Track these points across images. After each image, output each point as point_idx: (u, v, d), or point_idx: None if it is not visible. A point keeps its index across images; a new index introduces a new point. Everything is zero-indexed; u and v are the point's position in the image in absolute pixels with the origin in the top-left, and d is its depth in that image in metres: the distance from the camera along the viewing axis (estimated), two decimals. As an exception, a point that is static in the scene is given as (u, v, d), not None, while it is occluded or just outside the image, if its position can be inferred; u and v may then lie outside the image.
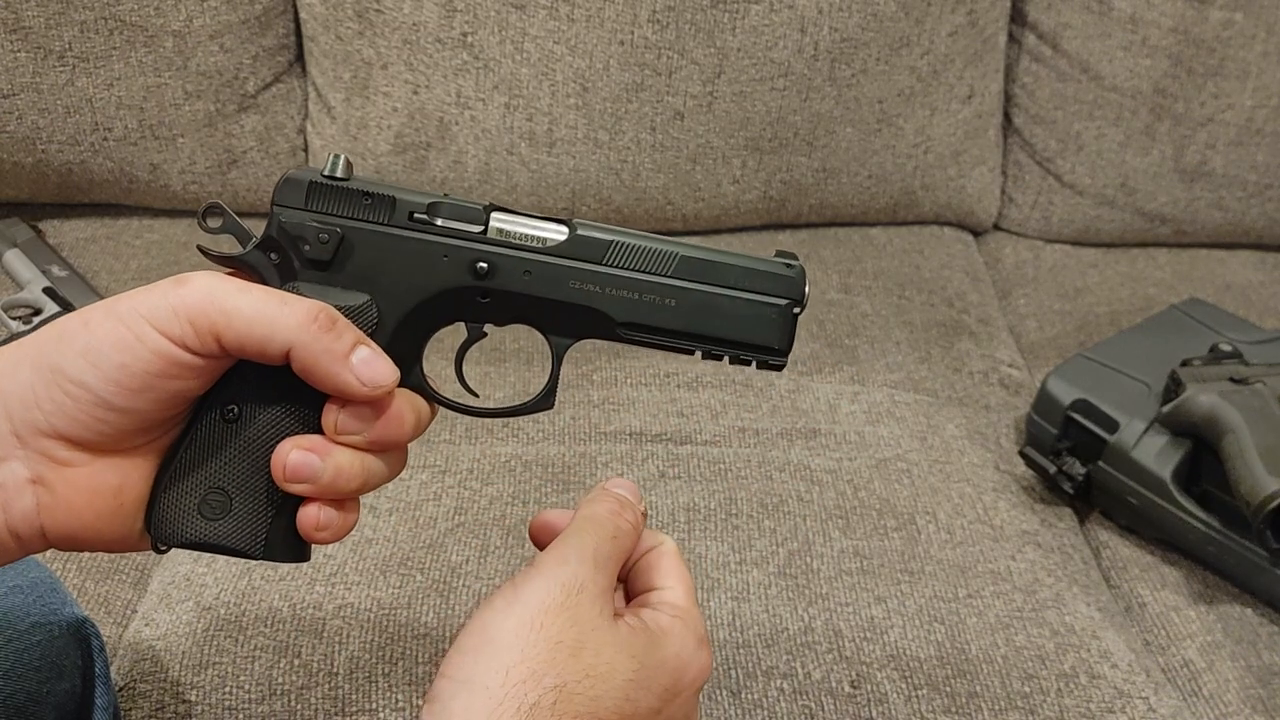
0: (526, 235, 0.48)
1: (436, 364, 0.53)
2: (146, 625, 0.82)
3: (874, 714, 0.80)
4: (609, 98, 1.18)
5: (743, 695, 0.80)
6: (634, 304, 0.48)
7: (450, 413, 0.52)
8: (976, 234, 1.39)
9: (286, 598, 0.83)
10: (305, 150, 1.26)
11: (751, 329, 0.49)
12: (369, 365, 0.44)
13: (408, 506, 0.90)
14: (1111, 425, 0.96)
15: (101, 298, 1.10)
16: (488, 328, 0.50)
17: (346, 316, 0.45)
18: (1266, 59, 1.25)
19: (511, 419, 1.00)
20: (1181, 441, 0.94)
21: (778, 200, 1.28)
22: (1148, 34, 1.25)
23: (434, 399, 0.50)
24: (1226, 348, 0.99)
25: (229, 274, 0.46)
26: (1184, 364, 0.98)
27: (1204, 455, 0.94)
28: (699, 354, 0.51)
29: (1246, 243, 1.37)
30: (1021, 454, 1.01)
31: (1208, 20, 1.23)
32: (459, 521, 0.89)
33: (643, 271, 0.48)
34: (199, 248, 0.46)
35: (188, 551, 0.88)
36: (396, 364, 0.46)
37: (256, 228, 0.48)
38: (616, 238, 0.48)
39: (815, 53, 1.19)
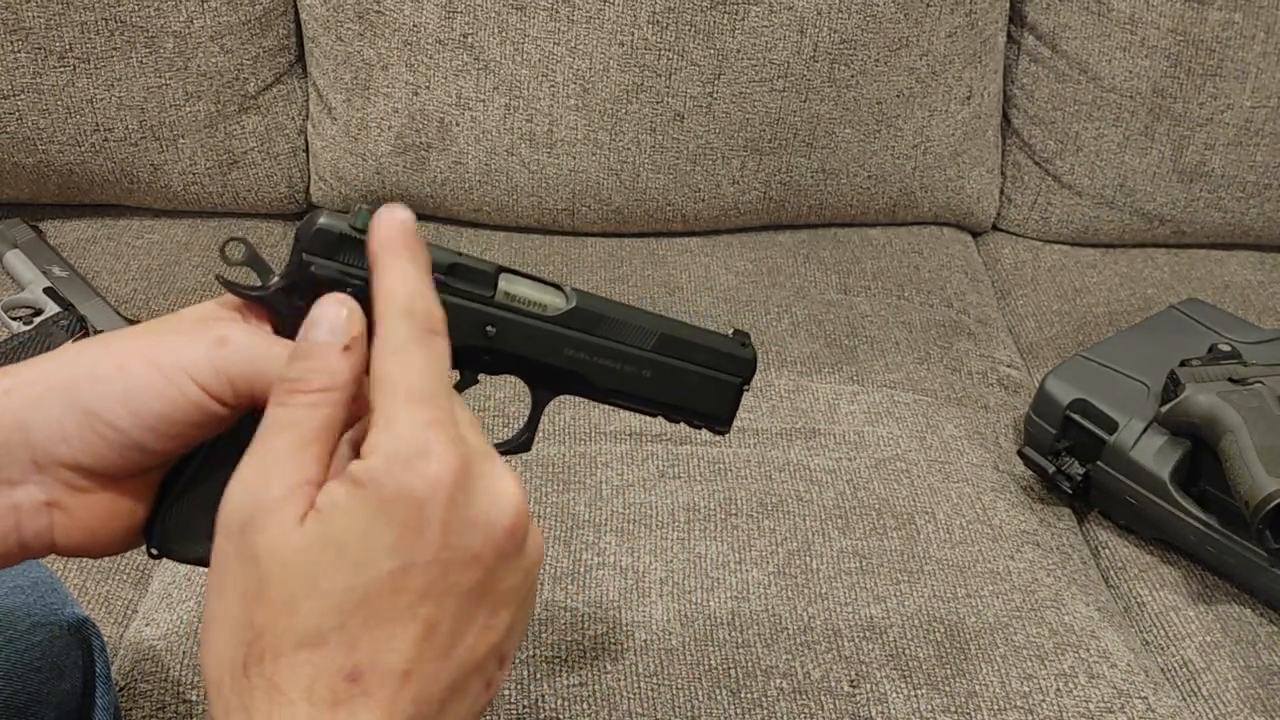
0: (531, 300, 0.52)
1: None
2: (147, 625, 0.82)
3: (873, 713, 0.80)
4: (609, 99, 1.19)
5: (742, 694, 0.80)
6: (616, 373, 0.54)
7: None
8: (975, 234, 1.39)
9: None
10: (306, 151, 1.26)
11: (708, 401, 0.57)
12: None
13: (408, 506, 0.90)
14: (1110, 425, 0.96)
15: (102, 298, 1.10)
16: (481, 376, 0.54)
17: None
18: (1265, 59, 1.25)
19: (512, 421, 1.00)
20: (1180, 441, 0.94)
21: (777, 201, 1.28)
22: (1146, 35, 1.25)
23: None
24: (1225, 348, 1.00)
25: (240, 302, 0.47)
26: (1183, 364, 0.98)
27: (1203, 455, 0.94)
28: (659, 416, 0.58)
29: (1245, 243, 1.37)
30: (1020, 454, 1.01)
31: (1206, 21, 1.24)
32: (459, 521, 0.90)
33: (627, 344, 0.54)
34: (218, 279, 0.46)
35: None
36: None
37: (257, 227, 0.49)
38: (610, 313, 0.53)
39: (814, 54, 1.19)
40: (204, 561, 0.48)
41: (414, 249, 0.44)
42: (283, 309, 0.47)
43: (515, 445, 0.55)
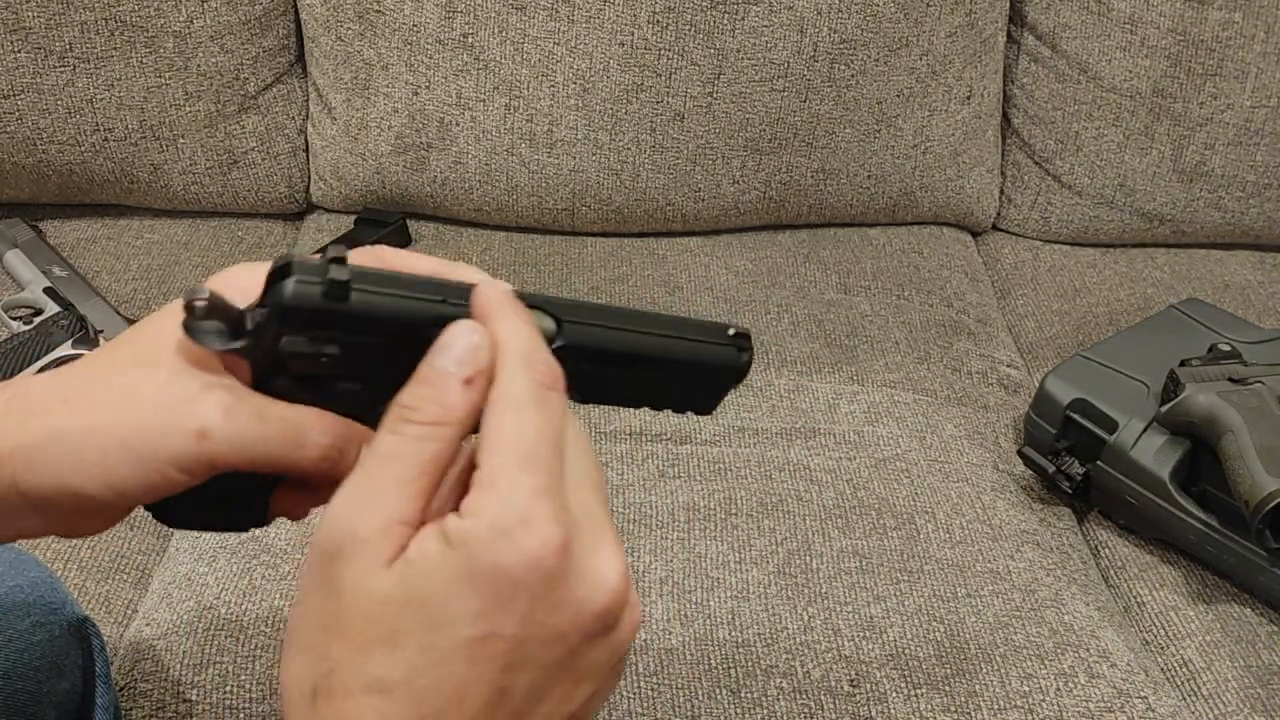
0: None
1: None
2: (147, 624, 0.82)
3: (873, 713, 0.80)
4: (609, 99, 1.19)
5: (742, 694, 0.80)
6: (606, 386, 0.51)
7: None
8: (975, 234, 1.39)
9: (288, 597, 0.83)
10: (306, 151, 1.26)
11: (694, 399, 0.54)
12: None
13: (408, 506, 0.91)
14: (1110, 425, 0.96)
15: (102, 298, 1.10)
16: None
17: (338, 405, 0.45)
18: (1265, 59, 1.25)
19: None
20: (1180, 441, 0.94)
21: (777, 201, 1.28)
22: (1146, 34, 1.25)
23: None
24: (1225, 347, 1.00)
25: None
26: (1183, 364, 0.98)
27: (1203, 455, 0.94)
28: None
29: (1245, 243, 1.37)
30: (1020, 454, 1.01)
31: (1206, 21, 1.24)
32: (459, 521, 0.90)
33: (616, 366, 0.50)
34: (185, 327, 0.42)
35: (188, 551, 0.89)
36: (383, 414, 0.47)
37: (257, 227, 0.47)
38: (600, 342, 0.49)
39: (814, 54, 1.19)
40: (206, 527, 0.49)
41: (522, 310, 0.43)
42: (255, 359, 0.44)
43: None
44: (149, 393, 0.42)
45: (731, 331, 0.52)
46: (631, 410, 1.02)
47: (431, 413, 0.39)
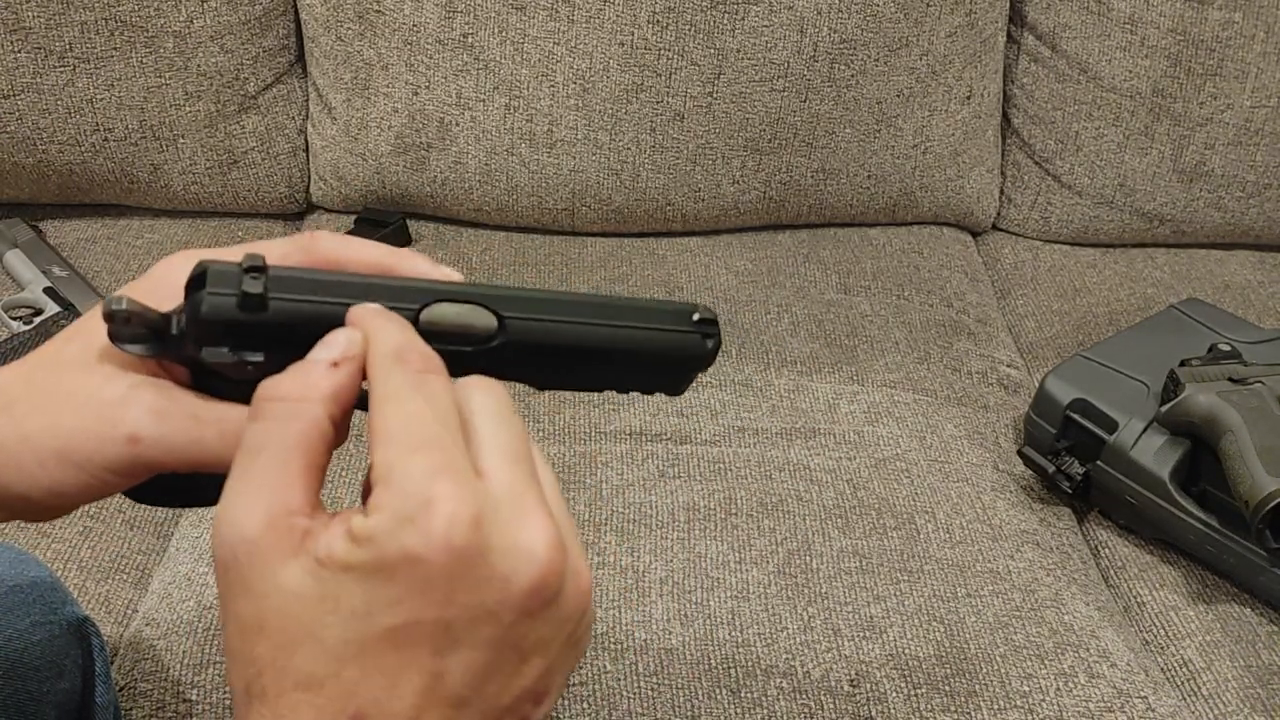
0: (457, 327, 0.45)
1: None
2: (147, 624, 0.82)
3: (873, 713, 0.80)
4: (609, 99, 1.19)
5: (742, 694, 0.80)
6: (560, 376, 0.49)
7: None
8: (975, 234, 1.39)
9: (287, 597, 0.83)
10: (306, 151, 1.26)
11: (660, 384, 0.51)
12: None
13: (408, 506, 0.91)
14: (1110, 425, 0.96)
15: (103, 298, 1.10)
16: None
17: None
18: (1265, 59, 1.25)
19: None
20: (1180, 441, 0.94)
21: (777, 201, 1.28)
22: (1146, 34, 1.25)
23: (359, 406, 0.49)
24: (1225, 348, 1.00)
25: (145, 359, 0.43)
26: (1183, 364, 0.98)
27: (1203, 455, 0.94)
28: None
29: (1245, 243, 1.37)
30: (1020, 454, 1.01)
31: (1206, 21, 1.24)
32: (459, 521, 0.90)
33: (567, 358, 0.48)
34: (112, 338, 0.41)
35: (188, 551, 0.88)
36: None
37: (257, 227, 0.47)
38: (547, 330, 0.47)
39: (814, 54, 1.19)
40: (178, 505, 0.48)
41: (391, 315, 0.42)
42: (186, 360, 0.43)
43: None
44: (81, 398, 0.42)
45: (696, 317, 0.49)
46: (632, 410, 1.02)
47: (291, 390, 0.39)
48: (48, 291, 1.10)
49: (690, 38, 1.16)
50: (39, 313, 1.09)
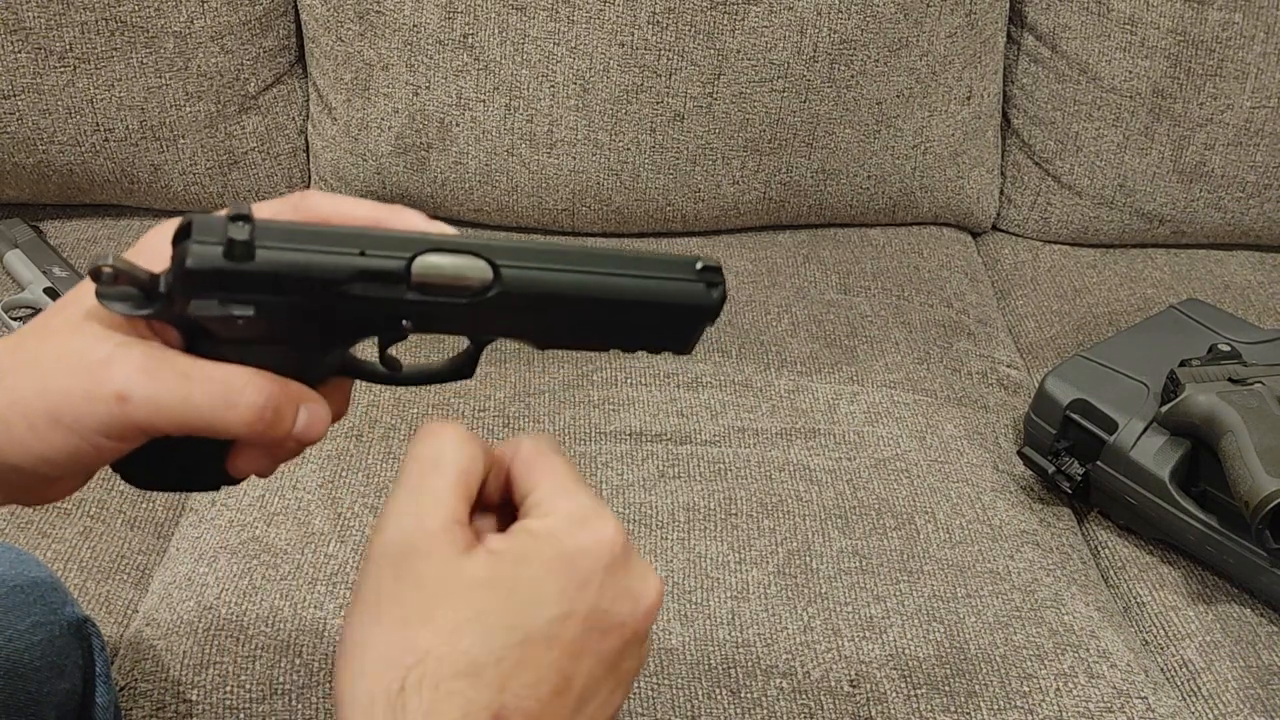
0: (451, 278, 0.44)
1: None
2: (148, 625, 0.82)
3: (873, 713, 0.80)
4: (609, 99, 1.19)
5: (742, 694, 0.80)
6: (554, 331, 0.48)
7: (455, 414, 0.51)
8: (975, 234, 1.39)
9: (288, 597, 0.83)
10: (306, 151, 1.26)
11: (665, 339, 0.50)
12: (309, 427, 0.44)
13: (408, 506, 0.91)
14: (1110, 425, 0.96)
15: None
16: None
17: (270, 366, 0.43)
18: (1265, 60, 1.25)
19: (512, 421, 1.00)
20: (1180, 441, 0.94)
21: (777, 201, 1.28)
22: (1146, 35, 1.25)
23: (358, 375, 0.48)
24: (1225, 348, 1.00)
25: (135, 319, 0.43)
26: (1182, 364, 0.98)
27: (1202, 455, 0.94)
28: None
29: (1245, 243, 1.37)
30: (1020, 454, 1.01)
31: (1206, 21, 1.24)
32: (459, 521, 0.90)
33: (565, 308, 0.47)
34: (100, 298, 0.41)
35: (188, 551, 0.88)
36: (323, 373, 0.45)
37: None
38: (542, 284, 0.45)
39: (814, 54, 1.19)
40: (173, 488, 0.48)
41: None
42: (177, 322, 0.43)
43: (455, 371, 0.49)
44: (69, 360, 0.42)
45: (699, 265, 0.48)
46: (631, 411, 1.02)
47: (463, 431, 0.44)
48: (48, 292, 1.10)
49: (690, 38, 1.16)
50: (39, 313, 1.08)
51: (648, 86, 1.18)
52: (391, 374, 0.49)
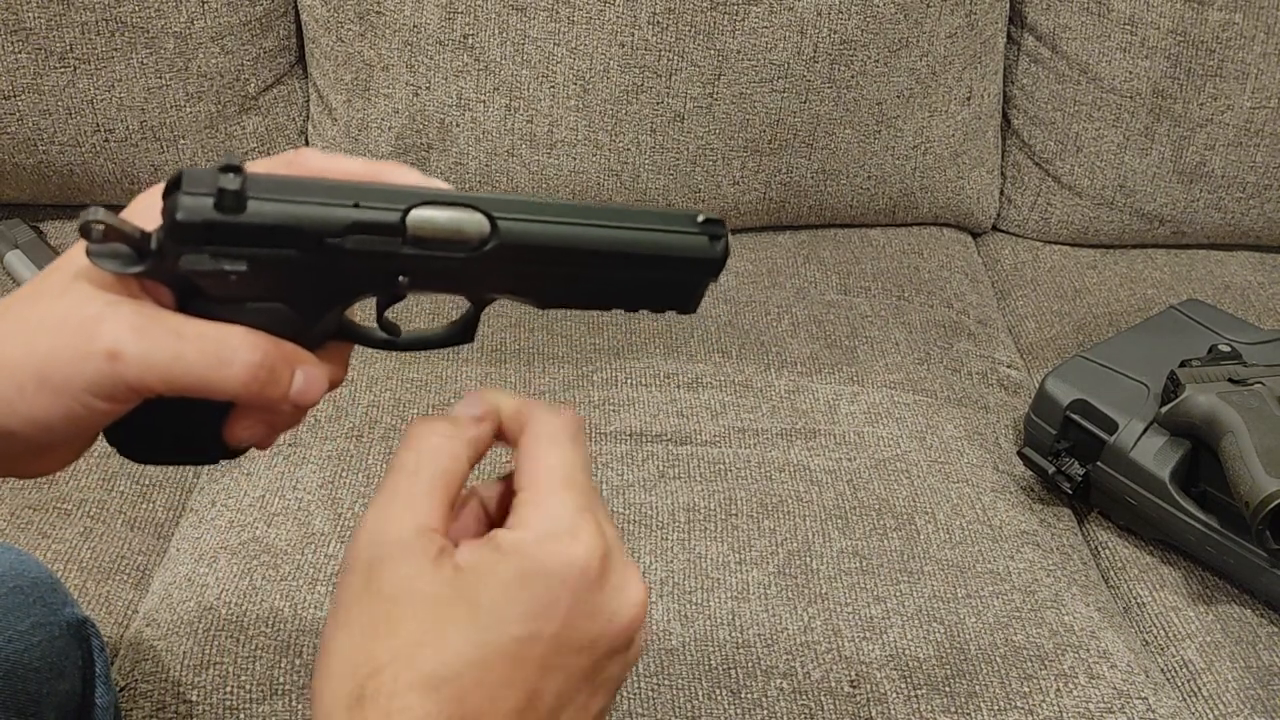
0: (447, 231, 0.43)
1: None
2: (148, 625, 0.82)
3: (873, 713, 0.80)
4: (609, 99, 1.19)
5: (742, 694, 0.80)
6: (554, 287, 0.47)
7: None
8: (975, 235, 1.39)
9: (288, 597, 0.83)
10: (306, 152, 1.26)
11: (668, 296, 0.49)
12: (306, 390, 0.43)
13: (408, 507, 0.91)
14: (1110, 426, 0.96)
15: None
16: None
17: (267, 329, 0.42)
18: (1265, 60, 1.25)
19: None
20: (1180, 442, 0.94)
21: (777, 201, 1.28)
22: (1146, 35, 1.25)
23: (355, 339, 0.48)
24: (1225, 348, 1.00)
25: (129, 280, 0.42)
26: (1183, 365, 0.98)
27: (1203, 456, 0.94)
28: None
29: (1245, 243, 1.37)
30: (1020, 454, 1.01)
31: (1206, 21, 1.24)
32: (459, 522, 0.90)
33: (564, 262, 0.45)
34: (90, 256, 0.41)
35: (188, 552, 0.88)
36: (320, 336, 0.45)
37: None
38: (540, 237, 0.45)
39: (814, 54, 1.19)
40: (167, 463, 0.47)
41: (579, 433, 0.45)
42: (170, 281, 0.42)
43: (454, 337, 0.49)
44: (58, 319, 0.41)
45: (701, 219, 0.47)
46: (632, 411, 1.02)
47: (444, 428, 0.43)
48: (48, 292, 1.10)
49: (690, 38, 1.16)
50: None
51: (648, 87, 1.18)
52: (390, 339, 0.48)
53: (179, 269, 0.41)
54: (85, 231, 0.40)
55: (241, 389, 0.41)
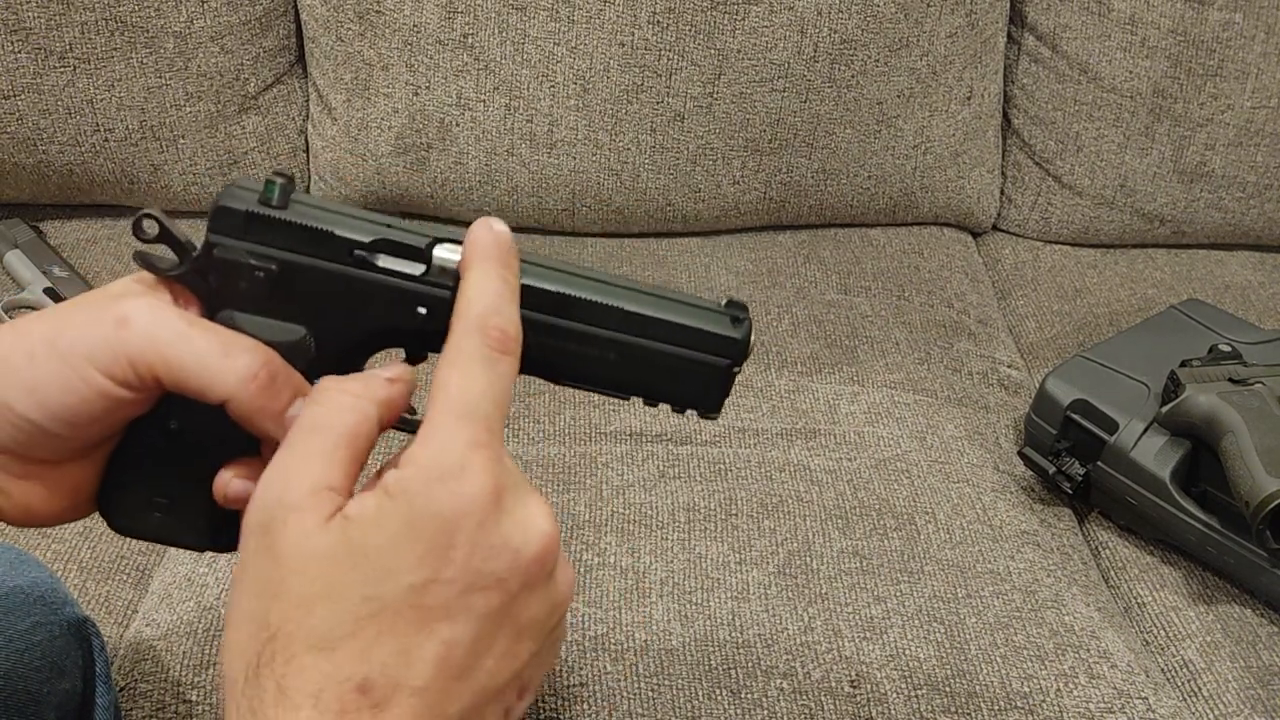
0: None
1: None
2: (148, 625, 0.82)
3: (873, 714, 0.80)
4: (609, 99, 1.19)
5: (742, 695, 0.80)
6: (574, 357, 0.47)
7: None
8: (976, 235, 1.39)
9: (287, 598, 0.83)
10: (306, 151, 1.26)
11: (689, 387, 0.48)
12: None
13: (408, 507, 0.91)
14: (1111, 426, 0.96)
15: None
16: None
17: (282, 352, 0.44)
18: (1265, 60, 1.25)
19: (512, 421, 1.00)
20: (1180, 442, 0.94)
21: (777, 201, 1.28)
22: (1147, 35, 1.25)
23: None
24: (1225, 348, 1.00)
25: (163, 283, 0.45)
26: (1183, 364, 0.98)
27: (1203, 456, 0.94)
28: (636, 400, 0.50)
29: (1245, 243, 1.37)
30: (1020, 454, 1.01)
31: (1207, 21, 1.24)
32: (459, 522, 0.90)
33: (587, 324, 0.46)
34: (136, 256, 0.43)
35: (188, 551, 0.89)
36: (319, 366, 0.45)
37: None
38: (563, 289, 0.46)
39: (815, 54, 1.19)
40: (152, 539, 0.47)
41: (508, 263, 0.43)
42: (201, 290, 0.44)
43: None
44: (85, 298, 0.44)
45: (724, 301, 0.48)
46: (632, 411, 1.02)
47: (353, 387, 0.42)
48: (48, 292, 1.10)
49: (690, 38, 1.16)
50: (39, 313, 1.08)
51: (648, 86, 1.18)
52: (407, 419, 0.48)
53: (213, 259, 0.44)
54: (137, 227, 0.43)
55: (239, 386, 0.42)
